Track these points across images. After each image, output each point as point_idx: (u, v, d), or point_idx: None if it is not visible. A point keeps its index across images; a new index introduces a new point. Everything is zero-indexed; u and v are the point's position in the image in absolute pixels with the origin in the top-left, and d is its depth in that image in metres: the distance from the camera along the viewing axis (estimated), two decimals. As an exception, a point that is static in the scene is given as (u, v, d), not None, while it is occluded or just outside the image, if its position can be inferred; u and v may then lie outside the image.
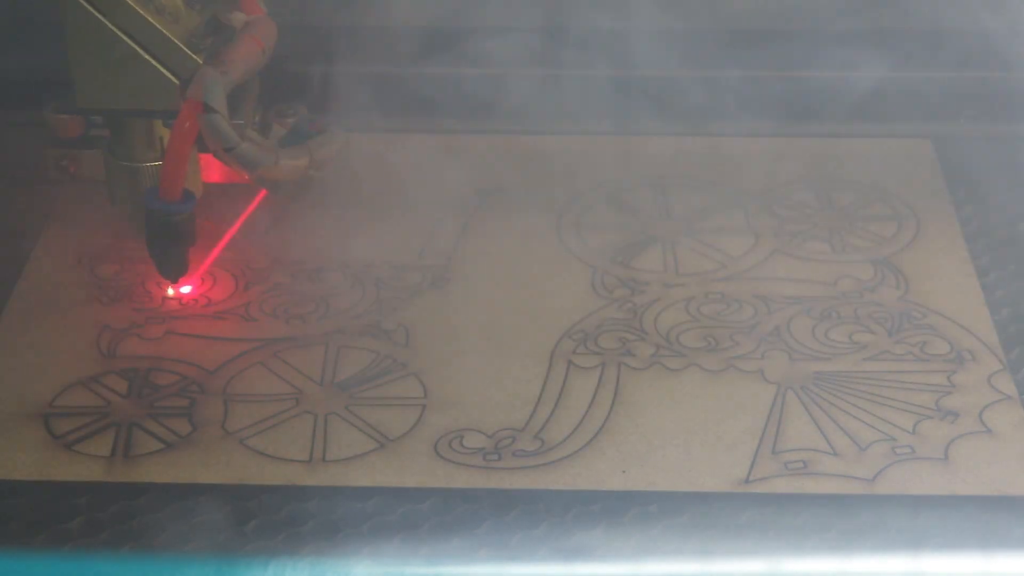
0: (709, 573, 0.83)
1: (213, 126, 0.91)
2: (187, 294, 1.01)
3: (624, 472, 0.88)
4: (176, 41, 0.94)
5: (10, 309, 1.00)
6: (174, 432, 0.91)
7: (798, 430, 0.91)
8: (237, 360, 0.96)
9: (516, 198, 1.10)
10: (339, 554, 0.83)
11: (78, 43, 0.94)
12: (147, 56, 0.94)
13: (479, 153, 1.14)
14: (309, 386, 0.94)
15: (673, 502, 0.86)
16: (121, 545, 0.84)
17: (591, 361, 0.96)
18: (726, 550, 0.84)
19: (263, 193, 1.04)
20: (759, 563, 0.83)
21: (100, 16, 0.94)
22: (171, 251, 0.96)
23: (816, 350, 0.96)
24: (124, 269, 1.03)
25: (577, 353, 0.96)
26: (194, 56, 0.94)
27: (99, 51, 0.94)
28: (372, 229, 1.06)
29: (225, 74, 0.92)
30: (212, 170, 1.01)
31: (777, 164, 1.12)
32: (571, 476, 0.88)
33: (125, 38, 0.94)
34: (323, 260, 1.04)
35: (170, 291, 1.00)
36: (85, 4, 0.93)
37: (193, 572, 0.82)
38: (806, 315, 0.99)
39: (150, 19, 0.94)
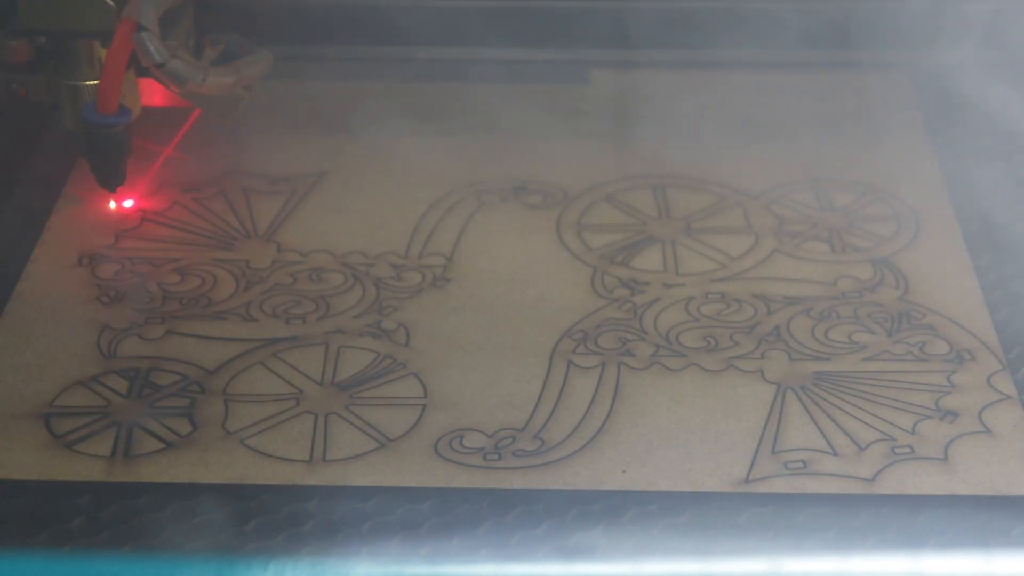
0: (709, 573, 0.83)
1: (145, 43, 0.98)
2: (129, 208, 1.07)
3: (624, 472, 0.88)
4: None
5: (10, 309, 1.00)
6: (174, 432, 0.91)
7: (798, 430, 0.91)
8: (237, 360, 0.96)
9: (516, 197, 1.10)
10: (339, 554, 0.83)
11: None
12: None
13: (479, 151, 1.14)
14: (309, 386, 0.94)
15: (673, 502, 0.86)
16: (121, 545, 0.84)
17: (591, 361, 0.96)
18: (726, 550, 0.84)
19: (196, 113, 1.10)
20: (759, 563, 0.83)
21: None
22: (109, 162, 1.02)
23: (816, 350, 0.96)
24: (124, 269, 1.03)
25: (577, 353, 0.96)
26: None
27: None
28: (372, 228, 1.07)
29: None
30: (154, 94, 1.07)
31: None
32: (571, 476, 0.88)
33: None
34: (323, 260, 1.04)
35: (112, 204, 1.07)
36: None
37: (193, 572, 0.82)
38: (806, 315, 0.99)
39: None
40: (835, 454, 0.89)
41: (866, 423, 0.91)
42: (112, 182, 1.04)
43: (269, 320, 0.99)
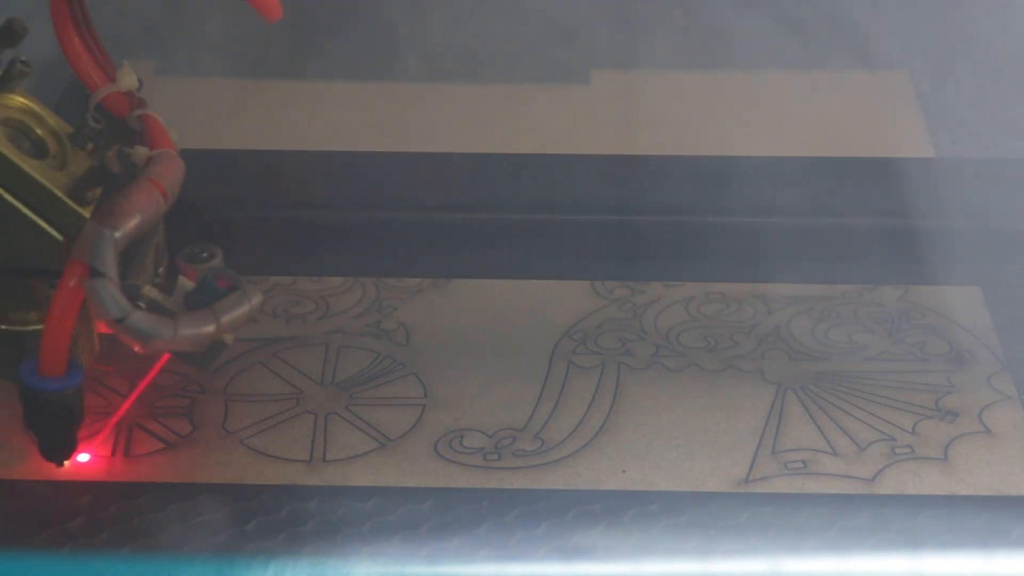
0: (709, 573, 0.83)
1: (99, 293, 0.78)
2: (85, 462, 0.88)
3: (624, 472, 0.88)
4: (59, 193, 0.82)
5: (10, 309, 1.00)
6: (174, 432, 0.91)
7: (798, 430, 0.91)
8: (237, 360, 0.96)
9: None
10: (339, 554, 0.83)
11: None
12: (25, 210, 0.82)
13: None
14: (309, 386, 0.94)
15: (673, 502, 0.86)
16: (121, 545, 0.84)
17: (591, 361, 0.96)
18: (726, 550, 0.84)
19: (165, 357, 0.93)
20: (759, 563, 0.83)
21: None
22: (55, 431, 0.84)
23: (816, 350, 0.96)
24: (124, 269, 1.03)
25: (577, 353, 0.96)
26: (80, 210, 0.82)
27: None
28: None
29: (116, 229, 0.79)
30: None
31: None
32: (571, 476, 0.88)
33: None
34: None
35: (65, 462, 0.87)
36: None
37: (193, 572, 0.82)
38: (806, 315, 0.99)
39: (27, 168, 0.81)
40: (835, 454, 0.89)
41: (866, 423, 0.91)
42: (58, 453, 0.85)
43: (269, 320, 0.99)
